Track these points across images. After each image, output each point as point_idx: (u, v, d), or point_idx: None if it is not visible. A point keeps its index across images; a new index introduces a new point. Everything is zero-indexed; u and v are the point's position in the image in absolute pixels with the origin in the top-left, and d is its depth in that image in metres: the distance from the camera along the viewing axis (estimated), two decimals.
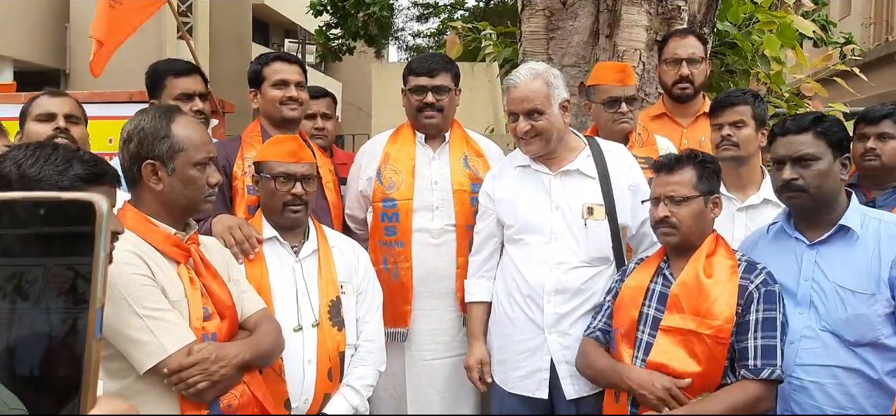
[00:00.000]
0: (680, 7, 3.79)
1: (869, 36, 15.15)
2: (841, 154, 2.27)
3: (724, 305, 2.26)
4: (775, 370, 2.20)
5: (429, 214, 2.93)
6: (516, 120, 2.63)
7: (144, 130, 1.96)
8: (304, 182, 2.52)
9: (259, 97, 2.97)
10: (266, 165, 2.54)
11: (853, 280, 2.20)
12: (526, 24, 3.99)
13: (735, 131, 2.71)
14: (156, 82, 3.07)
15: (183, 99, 2.99)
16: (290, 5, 21.01)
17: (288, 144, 2.56)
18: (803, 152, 2.24)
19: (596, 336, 2.51)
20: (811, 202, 2.27)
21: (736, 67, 4.32)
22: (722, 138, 2.73)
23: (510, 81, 2.70)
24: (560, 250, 2.64)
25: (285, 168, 2.50)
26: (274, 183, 2.50)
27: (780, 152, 2.29)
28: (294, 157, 2.52)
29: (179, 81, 3.03)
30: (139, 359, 1.83)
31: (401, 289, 2.91)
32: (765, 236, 2.46)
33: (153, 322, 1.83)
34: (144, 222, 1.96)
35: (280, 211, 2.51)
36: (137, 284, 1.84)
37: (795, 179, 2.25)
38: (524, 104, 2.60)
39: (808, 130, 2.25)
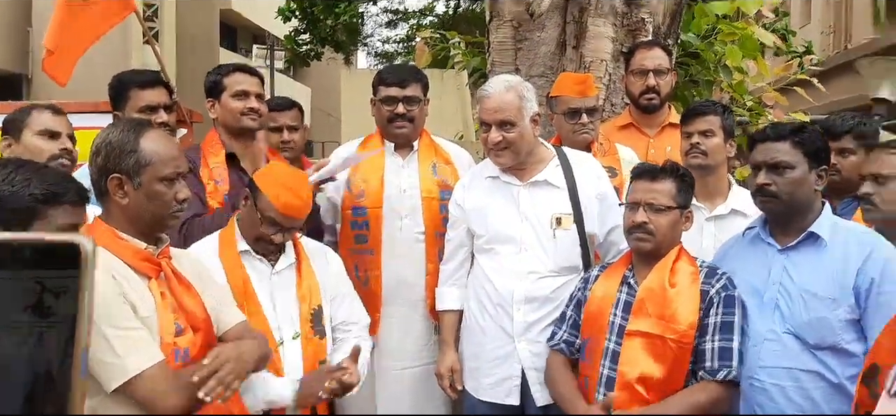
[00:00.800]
0: (644, 19, 3.86)
1: (828, 44, 15.51)
2: (817, 165, 2.32)
3: (687, 311, 2.32)
4: (731, 371, 2.28)
5: (398, 221, 2.95)
6: (488, 130, 2.66)
7: (112, 143, 1.94)
8: (288, 233, 2.49)
9: (217, 107, 2.96)
10: (260, 195, 2.44)
11: (818, 285, 2.26)
12: (494, 34, 4.04)
13: (704, 140, 2.76)
14: (119, 93, 3.02)
15: (147, 111, 2.95)
16: (259, 10, 20.87)
17: (288, 194, 2.42)
18: (779, 160, 2.30)
19: (561, 349, 2.55)
20: (783, 208, 2.32)
21: (699, 78, 4.41)
22: (691, 146, 2.78)
23: (483, 92, 2.74)
24: (529, 260, 2.68)
25: (277, 217, 2.42)
26: (261, 220, 2.44)
27: (757, 158, 2.36)
28: (293, 211, 2.43)
29: (143, 93, 2.98)
30: (105, 379, 1.80)
31: (370, 297, 2.91)
32: (741, 240, 2.52)
33: (118, 342, 1.80)
34: (114, 237, 1.94)
35: (254, 241, 2.49)
36: (104, 301, 1.81)
37: (769, 184, 2.31)
38: (496, 115, 2.64)
39: (786, 139, 2.32)
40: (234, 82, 2.94)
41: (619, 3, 3.86)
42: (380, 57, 19.60)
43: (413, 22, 16.61)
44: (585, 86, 3.11)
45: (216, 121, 2.99)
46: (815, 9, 16.76)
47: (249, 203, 2.49)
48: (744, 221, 2.75)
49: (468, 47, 5.17)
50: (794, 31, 12.08)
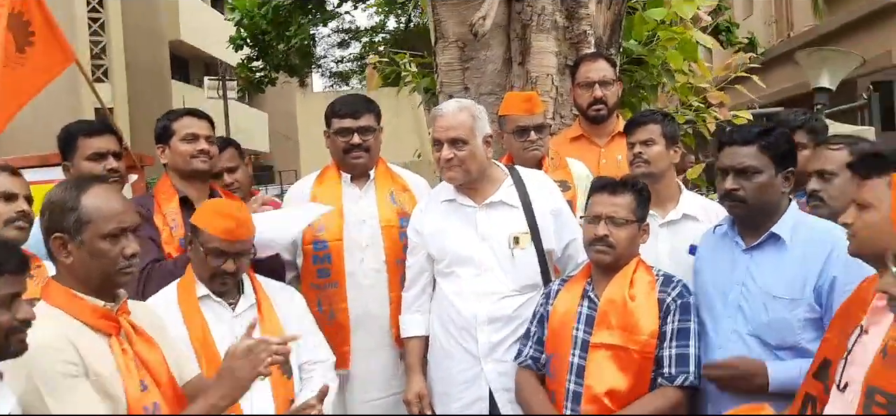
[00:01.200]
0: (586, 31, 3.95)
1: (771, 34, 15.90)
2: (784, 167, 2.35)
3: (648, 320, 2.39)
4: (689, 376, 2.35)
5: (359, 253, 2.96)
6: (440, 148, 2.71)
7: (54, 202, 1.93)
8: (237, 259, 2.48)
9: (167, 152, 2.96)
10: (201, 232, 2.48)
11: (779, 286, 2.30)
12: (440, 56, 4.08)
13: (645, 149, 2.81)
14: (68, 144, 3.01)
15: (95, 159, 2.94)
16: (209, 40, 20.71)
17: (225, 220, 2.47)
18: (746, 164, 2.32)
19: (528, 365, 2.59)
20: (750, 212, 2.36)
21: (644, 83, 4.51)
22: (634, 156, 2.84)
23: (437, 111, 2.80)
24: (490, 281, 2.72)
25: (218, 245, 2.45)
26: (206, 255, 2.46)
27: (724, 162, 2.38)
28: (229, 235, 2.45)
29: (91, 141, 2.97)
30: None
31: (339, 330, 2.91)
32: (711, 236, 2.57)
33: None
34: (70, 297, 1.91)
35: (208, 279, 2.49)
36: (56, 370, 1.79)
37: (736, 189, 2.33)
38: (449, 133, 2.68)
39: (752, 143, 2.33)
40: (182, 126, 2.94)
41: (560, 18, 3.93)
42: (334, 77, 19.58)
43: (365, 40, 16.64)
44: (532, 103, 3.17)
45: (167, 166, 2.99)
46: (756, 1, 17.18)
47: (194, 244, 2.50)
48: (696, 224, 2.82)
49: (419, 68, 5.22)
50: (737, 24, 12.36)
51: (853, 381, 1.80)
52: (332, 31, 16.99)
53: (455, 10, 3.95)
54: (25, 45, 3.63)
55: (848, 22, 12.14)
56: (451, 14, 3.98)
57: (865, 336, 1.83)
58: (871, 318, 1.84)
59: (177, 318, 2.42)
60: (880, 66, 11.07)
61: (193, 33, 20.59)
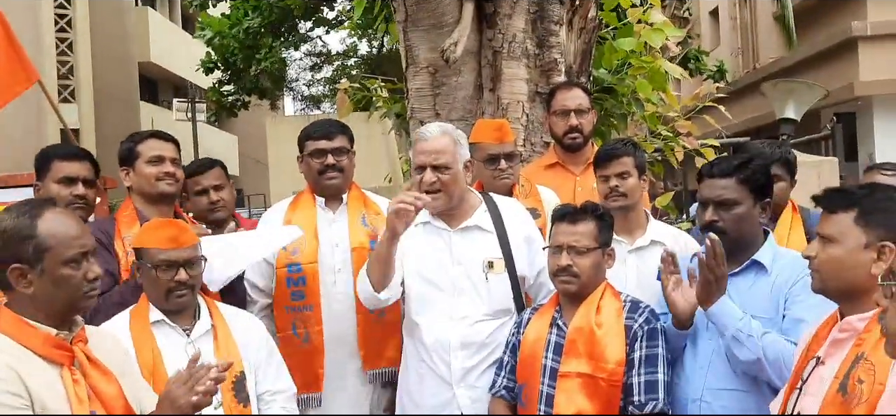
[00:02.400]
0: (557, 60, 3.98)
1: (737, 65, 16.23)
2: (762, 198, 2.43)
3: (615, 348, 2.38)
4: (658, 403, 2.34)
5: (332, 276, 2.95)
6: (422, 172, 2.68)
7: (7, 231, 1.85)
8: (188, 267, 2.43)
9: (132, 175, 2.91)
10: (146, 252, 2.44)
11: (757, 306, 2.35)
12: (411, 81, 4.08)
13: (621, 182, 2.83)
14: (42, 164, 2.97)
15: (64, 183, 2.88)
16: (179, 61, 20.55)
17: (168, 229, 2.47)
18: (725, 197, 2.40)
19: (502, 395, 2.57)
20: (730, 243, 2.38)
21: (613, 111, 4.55)
22: (610, 189, 2.84)
23: (420, 135, 2.77)
24: (463, 305, 2.71)
25: (166, 256, 2.40)
26: (155, 271, 2.41)
27: (704, 194, 2.45)
28: (175, 243, 2.43)
29: (63, 165, 2.91)
30: None
31: (313, 353, 2.90)
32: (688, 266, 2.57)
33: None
34: (20, 326, 1.84)
35: (164, 298, 2.43)
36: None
37: (716, 220, 2.40)
38: (433, 157, 2.67)
39: (731, 176, 2.41)
40: (148, 148, 2.90)
41: (531, 46, 3.96)
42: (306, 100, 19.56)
43: (337, 64, 16.66)
44: (502, 132, 3.17)
45: (131, 189, 2.94)
46: (723, 31, 17.56)
47: (143, 269, 2.46)
48: (660, 249, 2.84)
49: (390, 94, 5.22)
50: (706, 52, 12.58)
51: (806, 410, 1.82)
52: (303, 55, 16.99)
53: (426, 36, 3.96)
54: None
55: (811, 55, 12.45)
56: (422, 40, 3.98)
57: (821, 368, 1.85)
58: (828, 349, 1.86)
59: (128, 344, 2.34)
60: (842, 98, 11.36)
61: (163, 55, 20.42)
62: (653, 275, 2.78)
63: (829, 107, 10.45)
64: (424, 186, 2.67)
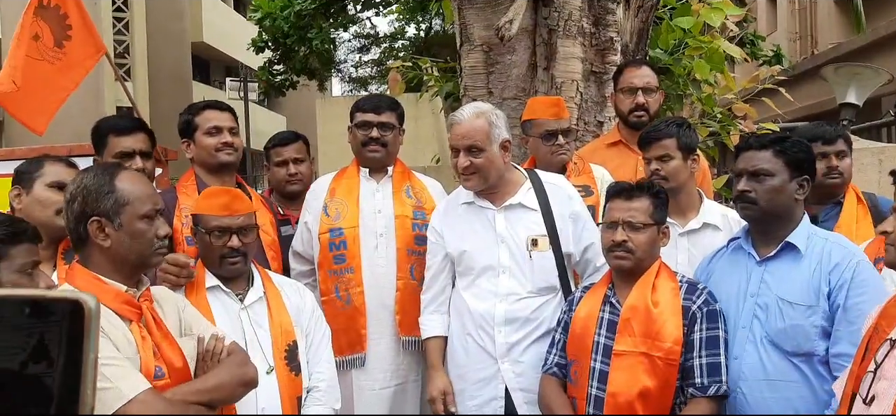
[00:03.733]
0: (613, 38, 3.92)
1: (795, 50, 15.79)
2: (799, 175, 2.36)
3: (671, 327, 2.35)
4: (721, 386, 2.31)
5: (373, 240, 3.01)
6: (457, 155, 2.71)
7: (88, 187, 1.95)
8: (241, 234, 2.49)
9: (192, 147, 2.98)
10: (201, 218, 2.51)
11: (795, 293, 2.30)
12: (465, 59, 4.07)
13: (662, 165, 2.79)
14: (98, 140, 3.04)
15: (122, 158, 2.94)
16: (231, 42, 20.88)
17: (222, 196, 2.54)
18: (759, 167, 2.35)
19: (553, 372, 2.57)
20: (760, 215, 2.36)
21: (669, 92, 4.47)
22: (651, 173, 2.81)
23: (454, 119, 2.79)
24: (508, 282, 2.72)
25: (220, 222, 2.47)
26: (209, 237, 2.48)
27: (739, 166, 2.41)
28: (228, 210, 2.49)
29: (120, 140, 2.98)
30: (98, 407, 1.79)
31: (355, 315, 2.96)
32: (725, 251, 2.56)
33: (109, 369, 1.80)
34: (94, 281, 1.93)
35: (218, 264, 2.49)
36: None
37: (748, 191, 2.35)
38: (465, 140, 2.69)
39: (767, 148, 2.37)
40: (205, 119, 2.96)
41: (588, 24, 3.91)
42: (354, 82, 19.67)
43: (385, 46, 16.70)
44: (559, 108, 3.16)
45: (192, 160, 3.01)
46: (780, 16, 17.09)
47: (199, 235, 2.52)
48: (716, 233, 2.80)
49: (441, 73, 5.21)
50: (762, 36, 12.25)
51: (883, 395, 1.76)
52: (352, 36, 17.07)
53: (481, 14, 3.94)
54: (63, 39, 3.64)
55: (873, 40, 12.03)
56: (477, 18, 3.96)
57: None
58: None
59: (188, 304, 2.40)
60: None
61: (215, 36, 20.76)
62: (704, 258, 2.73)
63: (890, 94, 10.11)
64: (458, 169, 2.71)
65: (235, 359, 2.14)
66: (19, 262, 1.59)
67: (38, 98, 3.64)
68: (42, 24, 3.56)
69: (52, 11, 3.60)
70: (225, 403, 2.12)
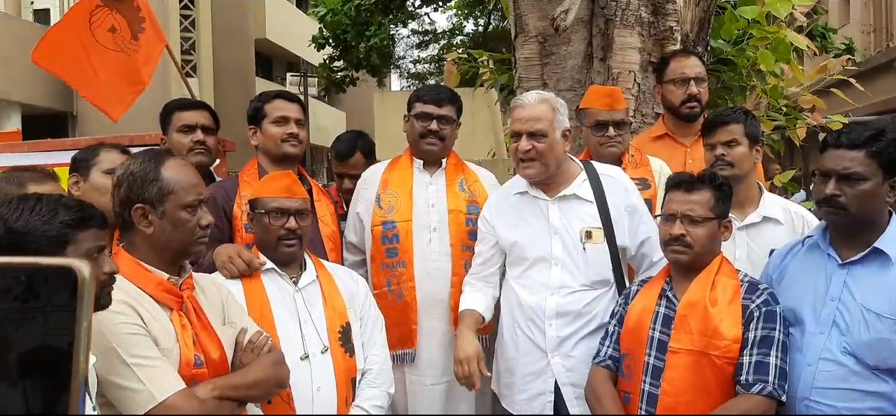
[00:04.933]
0: (672, 28, 3.82)
1: (869, 43, 15.17)
2: (891, 176, 2.16)
3: (730, 324, 2.26)
4: (766, 386, 2.20)
5: (427, 235, 2.98)
6: (518, 139, 2.66)
7: (134, 173, 1.99)
8: (298, 217, 2.53)
9: (258, 134, 3.01)
10: (260, 201, 2.55)
11: (881, 304, 2.14)
12: (520, 50, 4.02)
13: (728, 151, 2.70)
14: (165, 119, 3.21)
15: (184, 130, 3.10)
16: (292, 39, 21.22)
17: (281, 179, 2.58)
18: (851, 170, 2.15)
19: (607, 365, 2.50)
20: (849, 221, 2.20)
21: (732, 84, 4.33)
22: (716, 158, 2.72)
23: (517, 102, 2.76)
24: (560, 275, 2.67)
25: (278, 203, 2.51)
26: (267, 218, 2.51)
27: (827, 165, 2.21)
28: (287, 192, 2.54)
29: (183, 114, 3.15)
30: (129, 407, 1.83)
31: (406, 310, 2.95)
32: (799, 249, 2.42)
33: (142, 370, 1.83)
34: (137, 268, 1.97)
35: (274, 246, 2.52)
36: (126, 331, 1.84)
37: (838, 195, 2.17)
38: (529, 124, 2.64)
39: (861, 148, 2.15)
40: (274, 108, 3.00)
41: (646, 14, 3.82)
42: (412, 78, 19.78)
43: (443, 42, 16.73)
44: (613, 99, 3.08)
45: (258, 148, 3.05)
46: (853, 8, 16.43)
47: (256, 218, 2.56)
48: (776, 228, 2.70)
49: (496, 65, 5.17)
50: (834, 29, 11.79)
51: None
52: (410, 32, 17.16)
53: (537, 4, 3.89)
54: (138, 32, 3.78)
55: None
56: (532, 8, 3.91)
57: None
58: None
59: (239, 290, 2.45)
60: None
61: (278, 32, 21.12)
62: (764, 254, 2.63)
63: None
64: (519, 154, 2.65)
65: (273, 357, 2.17)
66: (86, 246, 1.63)
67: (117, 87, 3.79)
68: (118, 17, 3.69)
69: (127, 4, 3.73)
70: (258, 400, 2.16)
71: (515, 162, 2.73)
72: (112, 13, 3.71)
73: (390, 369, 2.66)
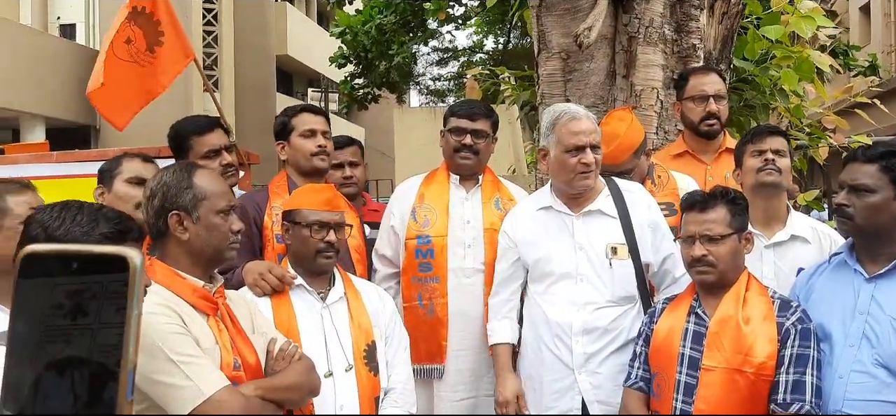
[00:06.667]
0: (696, 45, 3.82)
1: (891, 63, 15.05)
2: None
3: (765, 342, 2.26)
4: (804, 405, 2.20)
5: (461, 251, 2.99)
6: (576, 154, 2.63)
7: (167, 184, 2.05)
8: (338, 230, 2.55)
9: (287, 148, 3.03)
10: (299, 212, 2.55)
11: None
12: (543, 66, 4.04)
13: (778, 158, 2.70)
14: (180, 144, 3.09)
15: (211, 155, 3.00)
16: (313, 55, 21.39)
17: (323, 192, 2.60)
18: (860, 182, 2.25)
19: (639, 387, 2.48)
20: (858, 232, 2.27)
21: (755, 102, 4.32)
22: (765, 162, 2.69)
23: (571, 114, 2.71)
24: (586, 291, 2.66)
25: (320, 216, 2.52)
26: (308, 231, 2.52)
27: (842, 177, 2.32)
28: (329, 205, 2.56)
29: (205, 139, 3.04)
30: (176, 405, 1.85)
31: (437, 325, 2.95)
32: (826, 266, 2.45)
33: (188, 367, 1.86)
34: (173, 276, 2.00)
35: (312, 258, 2.52)
36: (169, 331, 1.88)
37: (847, 205, 2.26)
38: (592, 136, 2.65)
39: (874, 162, 2.26)
40: (301, 122, 3.02)
41: (669, 31, 3.83)
42: (431, 95, 19.85)
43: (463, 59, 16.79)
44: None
45: (286, 162, 3.07)
46: (874, 28, 16.34)
47: (292, 230, 2.56)
48: (804, 246, 2.68)
49: (517, 81, 5.20)
50: (857, 46, 11.70)
51: None
52: (431, 50, 17.24)
53: (560, 21, 3.90)
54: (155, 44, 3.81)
55: None
56: (555, 24, 3.93)
57: None
58: None
59: (266, 304, 2.47)
60: None
61: (299, 49, 21.31)
62: (792, 272, 2.62)
63: None
64: (580, 168, 2.63)
65: (305, 364, 2.19)
66: None
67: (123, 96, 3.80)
68: (136, 30, 3.73)
69: (147, 17, 3.77)
70: (294, 405, 2.17)
71: (569, 173, 2.66)
72: (130, 25, 3.75)
73: (412, 389, 2.65)
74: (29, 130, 14.35)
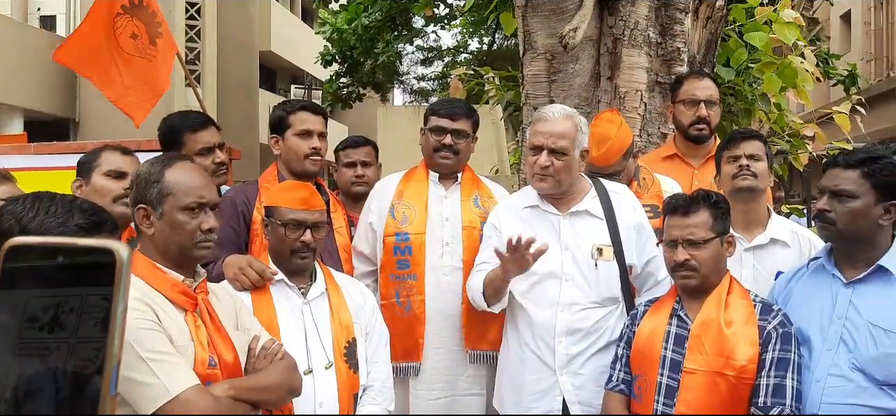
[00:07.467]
0: (680, 48, 3.84)
1: (870, 72, 15.25)
2: (887, 199, 2.23)
3: (747, 345, 2.27)
4: (784, 408, 2.21)
5: (440, 248, 2.97)
6: (537, 153, 2.64)
7: (140, 175, 2.01)
8: (314, 230, 2.50)
9: (281, 144, 2.99)
10: (277, 210, 2.53)
11: (889, 320, 2.19)
12: (528, 67, 4.04)
13: (753, 163, 2.72)
14: (172, 139, 3.04)
15: (204, 153, 2.97)
16: (297, 52, 21.28)
17: (299, 191, 2.56)
18: (841, 188, 2.25)
19: (621, 390, 2.48)
20: (837, 237, 2.28)
21: (736, 108, 4.36)
22: (740, 168, 2.71)
23: (541, 114, 2.71)
24: (570, 291, 2.65)
25: (295, 215, 2.48)
26: (284, 229, 2.49)
27: (823, 183, 2.32)
28: (305, 204, 2.51)
29: (198, 136, 3.01)
30: (143, 403, 1.81)
31: (414, 322, 2.93)
32: (804, 271, 2.46)
33: (157, 364, 1.82)
34: (152, 269, 1.97)
35: (288, 256, 2.51)
36: (140, 327, 1.83)
37: (827, 210, 2.27)
38: (552, 140, 2.63)
39: (855, 168, 2.26)
40: (298, 120, 2.97)
41: (654, 34, 3.84)
42: (415, 94, 19.83)
43: (448, 59, 16.79)
44: None
45: (279, 157, 3.02)
46: (855, 37, 16.55)
47: (271, 226, 2.53)
48: (784, 250, 2.70)
49: (502, 82, 5.20)
50: (837, 55, 11.84)
51: None
52: (415, 49, 17.21)
53: (546, 21, 3.91)
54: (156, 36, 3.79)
55: None
56: (541, 25, 3.93)
57: None
58: None
59: (246, 299, 2.44)
60: None
61: (282, 45, 21.18)
62: (770, 276, 2.64)
63: None
64: (536, 169, 2.63)
65: (287, 363, 2.16)
66: None
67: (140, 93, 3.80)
68: (138, 24, 3.71)
69: (144, 10, 3.75)
70: (272, 405, 2.14)
71: (530, 173, 2.71)
72: (133, 20, 3.75)
73: (392, 386, 2.64)
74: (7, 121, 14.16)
